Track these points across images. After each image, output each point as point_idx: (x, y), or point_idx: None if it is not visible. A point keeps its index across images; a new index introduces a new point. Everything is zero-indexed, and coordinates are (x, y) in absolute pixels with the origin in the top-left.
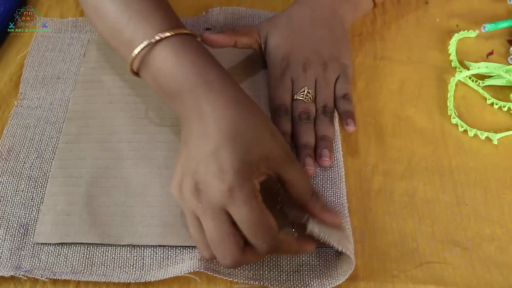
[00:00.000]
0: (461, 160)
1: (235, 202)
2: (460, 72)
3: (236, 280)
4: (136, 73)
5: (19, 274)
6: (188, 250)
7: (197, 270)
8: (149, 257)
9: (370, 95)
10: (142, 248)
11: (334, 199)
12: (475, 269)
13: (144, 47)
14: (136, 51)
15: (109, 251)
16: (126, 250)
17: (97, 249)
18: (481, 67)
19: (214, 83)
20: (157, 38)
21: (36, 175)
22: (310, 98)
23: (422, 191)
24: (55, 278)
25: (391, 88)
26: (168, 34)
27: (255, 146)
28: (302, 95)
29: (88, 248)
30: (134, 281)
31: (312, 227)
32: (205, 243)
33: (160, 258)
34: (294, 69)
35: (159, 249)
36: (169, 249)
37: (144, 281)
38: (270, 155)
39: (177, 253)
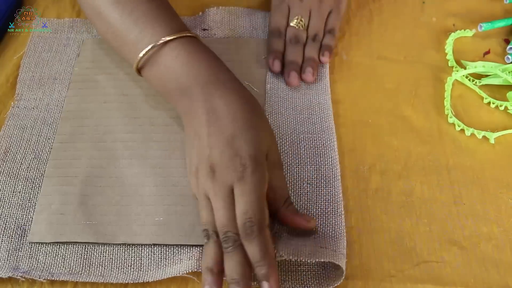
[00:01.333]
0: (458, 159)
1: (244, 182)
2: (457, 71)
3: None
4: (139, 72)
5: (17, 275)
6: (186, 249)
7: (195, 270)
8: (147, 257)
9: (367, 95)
10: (140, 248)
11: (328, 198)
12: (473, 268)
13: (154, 45)
14: (144, 50)
15: (107, 251)
16: (123, 250)
17: (95, 250)
18: (478, 66)
19: (225, 81)
20: (168, 38)
21: (33, 176)
22: (302, 26)
23: (419, 191)
24: (53, 279)
25: (388, 87)
26: (181, 34)
27: (263, 141)
28: (295, 23)
29: (86, 249)
30: (132, 282)
31: (279, 255)
32: (214, 225)
33: (158, 258)
34: None
35: (157, 249)
36: (167, 249)
37: (142, 281)
38: (269, 154)
39: (174, 253)
